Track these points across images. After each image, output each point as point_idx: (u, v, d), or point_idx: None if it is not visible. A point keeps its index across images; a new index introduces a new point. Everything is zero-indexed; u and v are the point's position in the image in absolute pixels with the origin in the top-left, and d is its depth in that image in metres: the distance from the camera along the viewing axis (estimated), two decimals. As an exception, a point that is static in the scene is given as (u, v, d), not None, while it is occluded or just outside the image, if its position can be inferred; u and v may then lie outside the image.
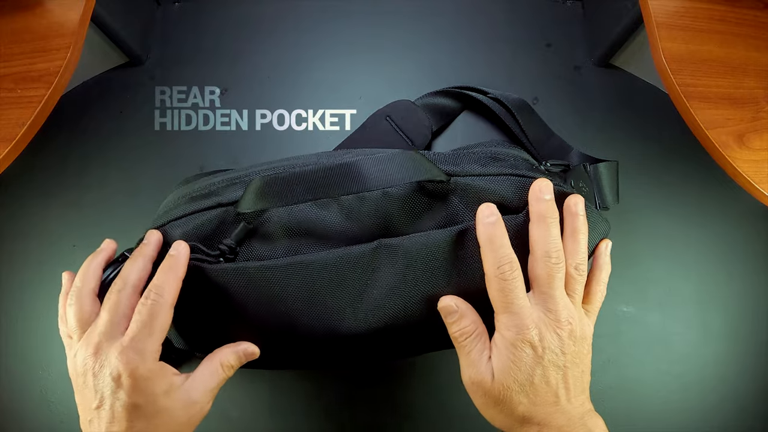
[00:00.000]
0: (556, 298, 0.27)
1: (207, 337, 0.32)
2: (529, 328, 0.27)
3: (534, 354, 0.27)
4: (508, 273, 0.27)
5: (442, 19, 0.50)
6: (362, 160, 0.27)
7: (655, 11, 0.38)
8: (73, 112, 0.48)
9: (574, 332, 0.27)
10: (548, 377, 0.27)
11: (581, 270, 0.28)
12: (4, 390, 0.42)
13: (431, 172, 0.28)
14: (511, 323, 0.27)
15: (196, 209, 0.31)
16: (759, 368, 0.42)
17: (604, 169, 0.39)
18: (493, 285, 0.28)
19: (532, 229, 0.28)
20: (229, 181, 0.32)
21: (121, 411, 0.26)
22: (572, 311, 0.28)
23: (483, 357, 0.28)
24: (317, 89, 0.48)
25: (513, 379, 0.27)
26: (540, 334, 0.27)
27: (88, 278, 0.29)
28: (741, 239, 0.44)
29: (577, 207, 0.29)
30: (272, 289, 0.29)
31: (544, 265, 0.28)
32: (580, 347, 0.28)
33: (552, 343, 0.27)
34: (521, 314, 0.27)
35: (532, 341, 0.27)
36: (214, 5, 0.52)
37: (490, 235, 0.28)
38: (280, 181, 0.28)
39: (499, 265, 0.27)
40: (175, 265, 0.28)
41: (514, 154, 0.34)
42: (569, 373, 0.27)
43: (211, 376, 0.29)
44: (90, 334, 0.27)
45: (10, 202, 0.46)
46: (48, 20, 0.39)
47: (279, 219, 0.30)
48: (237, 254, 0.31)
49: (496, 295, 0.28)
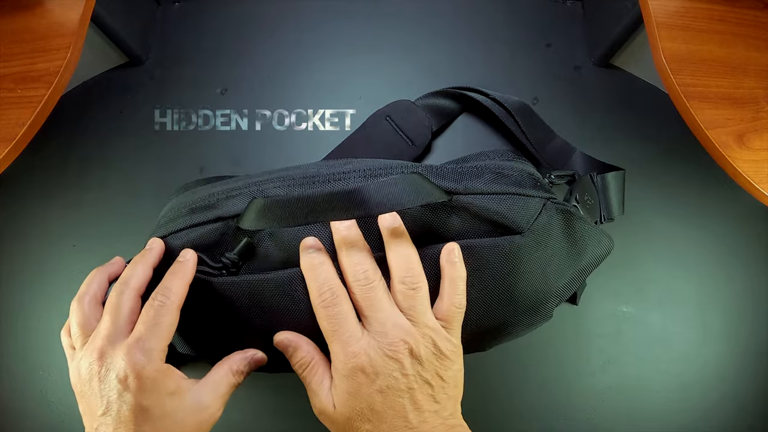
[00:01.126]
0: (380, 320, 0.27)
1: (213, 344, 0.32)
2: (357, 355, 0.26)
3: (368, 381, 0.26)
4: (329, 299, 0.27)
5: (442, 19, 0.50)
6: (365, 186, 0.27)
7: (655, 11, 0.38)
8: (73, 112, 0.48)
9: (416, 351, 0.26)
10: (391, 402, 0.26)
11: (410, 283, 0.27)
12: (4, 390, 0.42)
13: (433, 195, 0.28)
14: (340, 352, 0.27)
15: (197, 222, 0.31)
16: (759, 368, 0.42)
17: (612, 180, 0.39)
18: (319, 313, 0.27)
19: (338, 258, 0.28)
20: (229, 192, 0.32)
21: (127, 414, 0.25)
22: (408, 330, 0.26)
23: (323, 386, 0.28)
24: (317, 89, 0.48)
25: (351, 408, 0.26)
26: (371, 360, 0.26)
27: (92, 286, 0.29)
28: (741, 239, 0.44)
29: (385, 222, 0.29)
30: (275, 301, 0.29)
31: (355, 289, 0.27)
32: (434, 365, 0.27)
33: (386, 367, 0.26)
34: (349, 342, 0.26)
35: (363, 369, 0.26)
36: (214, 5, 0.52)
37: (310, 264, 0.28)
38: (281, 204, 0.28)
39: (320, 293, 0.27)
40: (182, 269, 0.29)
41: (519, 168, 0.33)
42: (418, 394, 0.26)
43: (221, 381, 0.29)
44: (93, 340, 0.27)
45: (10, 202, 0.46)
46: (48, 20, 0.39)
47: (281, 234, 0.30)
48: (240, 268, 0.31)
49: (323, 324, 0.27)
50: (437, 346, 0.27)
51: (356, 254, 0.28)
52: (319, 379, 0.28)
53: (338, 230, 0.29)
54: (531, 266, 0.30)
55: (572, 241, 0.32)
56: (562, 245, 0.32)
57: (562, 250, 0.32)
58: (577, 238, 0.32)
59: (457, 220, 0.30)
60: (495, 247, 0.29)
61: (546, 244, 0.31)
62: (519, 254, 0.30)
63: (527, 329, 0.33)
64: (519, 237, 0.30)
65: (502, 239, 0.29)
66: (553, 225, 0.31)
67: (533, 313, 0.32)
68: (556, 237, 0.31)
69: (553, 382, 0.41)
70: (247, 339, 0.31)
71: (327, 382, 0.28)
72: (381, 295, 0.27)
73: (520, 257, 0.30)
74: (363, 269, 0.27)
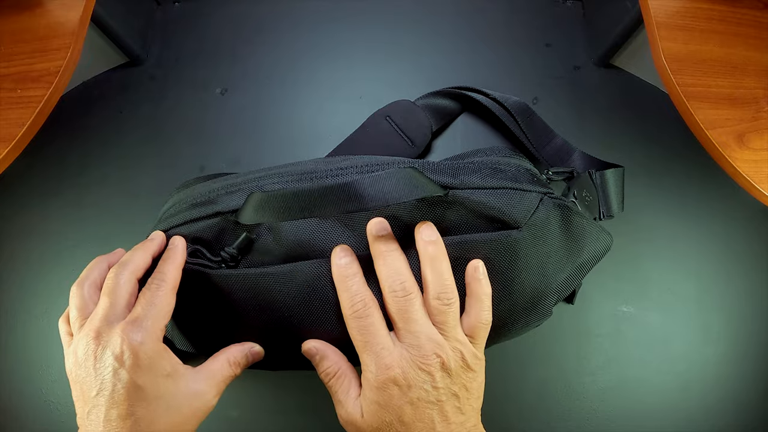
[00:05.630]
0: (415, 332, 0.27)
1: (211, 338, 0.32)
2: (391, 368, 0.26)
3: (400, 393, 0.26)
4: (362, 311, 0.27)
5: (442, 19, 0.50)
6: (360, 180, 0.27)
7: (655, 11, 0.38)
8: (73, 112, 0.48)
9: (447, 364, 0.26)
10: (420, 414, 0.26)
11: (444, 299, 0.27)
12: (4, 390, 0.42)
13: (428, 189, 0.27)
14: (372, 363, 0.27)
15: (197, 216, 0.32)
16: (759, 368, 0.41)
17: (611, 176, 0.39)
18: (351, 324, 0.27)
19: (375, 266, 0.28)
20: (229, 188, 0.32)
21: (122, 392, 0.25)
22: (440, 343, 0.27)
23: (350, 396, 0.28)
24: (317, 89, 0.48)
25: (380, 420, 0.26)
26: (404, 373, 0.26)
27: (93, 272, 0.29)
28: (741, 239, 0.44)
29: (424, 233, 0.28)
30: (273, 295, 0.29)
31: (391, 301, 0.27)
32: (462, 377, 0.27)
33: (418, 380, 0.26)
34: (382, 354, 0.26)
35: (396, 381, 0.26)
36: (214, 5, 0.52)
37: (342, 275, 0.28)
38: (278, 198, 0.28)
39: (352, 304, 0.27)
40: (173, 254, 0.30)
41: (516, 163, 0.33)
42: (446, 406, 0.26)
43: (218, 370, 0.29)
44: (91, 321, 0.27)
45: (10, 202, 0.46)
46: (48, 20, 0.39)
47: (278, 228, 0.31)
48: (239, 262, 0.31)
49: (355, 335, 0.27)
50: (465, 359, 0.27)
51: (394, 263, 0.28)
52: (346, 389, 0.28)
53: (375, 237, 0.29)
54: (529, 261, 0.30)
55: (570, 236, 0.32)
56: (561, 241, 0.32)
57: (560, 245, 0.32)
58: (575, 233, 0.32)
59: (454, 215, 0.30)
60: (492, 242, 0.29)
61: (544, 239, 0.31)
62: (516, 249, 0.29)
63: (526, 327, 0.32)
64: (516, 232, 0.29)
65: (499, 234, 0.29)
66: (551, 220, 0.31)
67: (532, 309, 0.32)
68: (554, 232, 0.31)
69: (553, 382, 0.41)
70: (245, 333, 0.31)
71: (354, 392, 0.28)
72: (417, 307, 0.27)
73: (517, 252, 0.30)
74: (401, 280, 0.27)
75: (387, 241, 0.28)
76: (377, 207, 0.27)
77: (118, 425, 0.25)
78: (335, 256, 0.29)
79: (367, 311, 0.27)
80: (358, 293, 0.27)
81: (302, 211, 0.27)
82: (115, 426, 0.25)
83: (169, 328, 0.32)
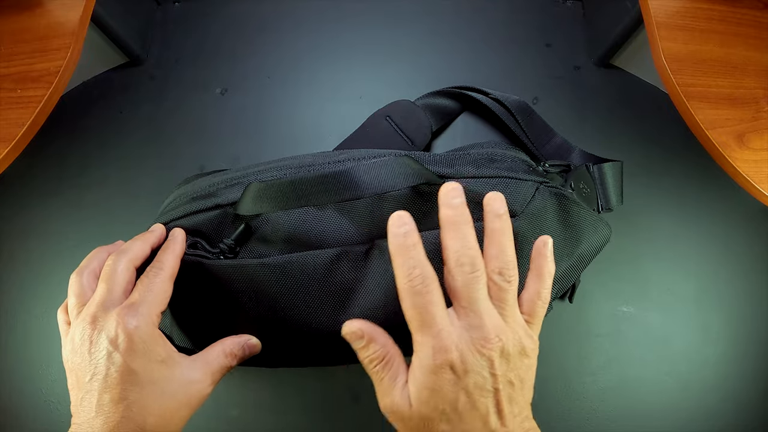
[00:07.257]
0: (478, 311, 0.24)
1: (209, 333, 0.32)
2: (449, 350, 0.23)
3: (455, 378, 0.24)
4: (420, 286, 0.24)
5: (442, 19, 0.50)
6: (355, 168, 0.27)
7: (655, 11, 0.38)
8: (73, 112, 0.48)
9: (506, 349, 0.24)
10: (474, 402, 0.24)
11: (507, 275, 0.25)
12: (4, 389, 0.42)
13: (423, 176, 0.27)
14: (427, 345, 0.24)
15: (197, 209, 0.32)
16: (759, 368, 0.41)
17: (609, 170, 0.39)
18: (406, 300, 0.24)
19: (442, 236, 0.26)
20: (229, 182, 0.33)
21: (115, 376, 0.24)
22: (501, 325, 0.25)
23: (397, 384, 0.25)
24: (318, 89, 0.48)
25: (432, 408, 0.24)
26: (462, 356, 0.24)
27: (93, 261, 0.29)
28: (741, 239, 0.44)
29: (493, 205, 0.26)
30: (270, 286, 0.30)
31: (458, 275, 0.25)
32: (517, 364, 0.25)
33: (477, 365, 0.24)
34: (439, 335, 0.24)
35: (452, 364, 0.23)
36: (214, 5, 0.52)
37: (400, 245, 0.25)
38: (276, 187, 0.28)
39: (410, 279, 0.24)
40: (172, 244, 0.30)
41: (511, 155, 0.33)
42: (502, 395, 0.24)
43: (213, 360, 0.28)
44: (88, 307, 0.27)
45: (10, 202, 0.46)
46: (48, 20, 0.39)
47: (277, 220, 0.31)
48: (237, 253, 0.31)
49: (409, 312, 0.24)
50: (522, 344, 0.25)
51: (464, 237, 0.25)
52: (394, 375, 0.25)
53: (448, 206, 0.26)
54: (526, 251, 0.30)
55: (568, 226, 0.32)
56: (558, 230, 0.31)
57: (558, 235, 0.31)
58: (573, 223, 0.32)
59: None
60: None
61: (541, 228, 0.30)
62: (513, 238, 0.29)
63: None
64: (513, 220, 0.29)
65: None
66: (548, 209, 0.31)
67: None
68: (551, 221, 0.31)
69: (553, 382, 0.41)
70: (242, 325, 0.31)
71: (402, 378, 0.25)
72: (482, 285, 0.25)
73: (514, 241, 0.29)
74: (471, 254, 0.25)
75: (461, 211, 0.26)
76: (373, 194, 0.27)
77: (110, 409, 0.24)
78: (393, 224, 0.25)
79: (426, 288, 0.24)
80: (417, 266, 0.24)
81: (299, 199, 0.27)
82: (107, 411, 0.24)
83: (168, 323, 0.33)
